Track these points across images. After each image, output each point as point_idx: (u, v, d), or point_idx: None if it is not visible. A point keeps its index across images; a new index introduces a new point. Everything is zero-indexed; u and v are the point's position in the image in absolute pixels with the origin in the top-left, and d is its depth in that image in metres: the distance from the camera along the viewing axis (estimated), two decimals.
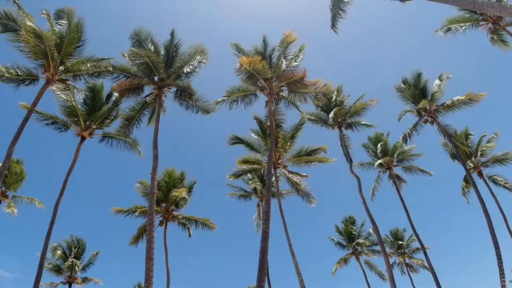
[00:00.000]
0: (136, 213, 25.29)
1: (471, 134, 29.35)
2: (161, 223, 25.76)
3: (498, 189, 28.39)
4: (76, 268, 29.54)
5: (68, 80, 18.46)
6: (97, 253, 31.95)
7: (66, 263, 29.13)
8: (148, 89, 19.99)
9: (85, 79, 19.03)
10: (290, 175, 23.61)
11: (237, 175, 23.64)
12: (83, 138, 20.61)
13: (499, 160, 28.21)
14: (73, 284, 29.91)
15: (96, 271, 31.80)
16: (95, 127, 21.04)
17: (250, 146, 22.25)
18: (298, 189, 23.74)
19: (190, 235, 25.70)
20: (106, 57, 18.93)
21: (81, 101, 20.69)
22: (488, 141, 28.74)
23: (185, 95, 19.84)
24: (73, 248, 30.38)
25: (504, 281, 17.88)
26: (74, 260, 29.40)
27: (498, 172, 28.82)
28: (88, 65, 18.06)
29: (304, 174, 23.90)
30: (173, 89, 20.02)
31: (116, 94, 20.31)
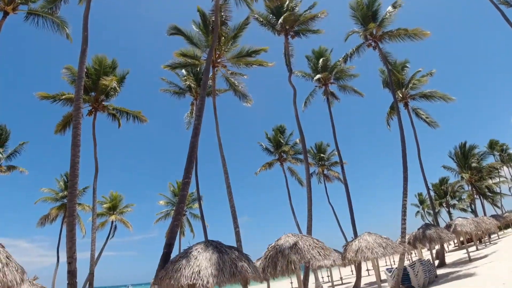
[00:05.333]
0: (63, 99, 23.68)
1: (407, 67, 31.11)
2: (90, 112, 24.54)
3: (419, 122, 31.48)
4: (0, 155, 28.66)
5: None
6: (24, 143, 31.07)
7: None
8: None
9: None
10: (228, 75, 23.17)
11: (173, 67, 22.35)
12: (6, 13, 18.08)
13: (426, 96, 30.49)
14: None
15: (21, 159, 30.97)
16: (19, 1, 18.39)
17: (190, 39, 20.86)
18: (236, 90, 23.56)
19: (119, 125, 25.02)
20: None
21: None
22: (422, 76, 30.76)
23: None
24: None
25: (406, 201, 20.00)
26: None
27: (422, 107, 31.62)
28: None
29: (243, 74, 23.56)
30: None
31: None
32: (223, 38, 20.85)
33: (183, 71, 24.70)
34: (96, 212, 23.99)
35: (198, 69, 24.60)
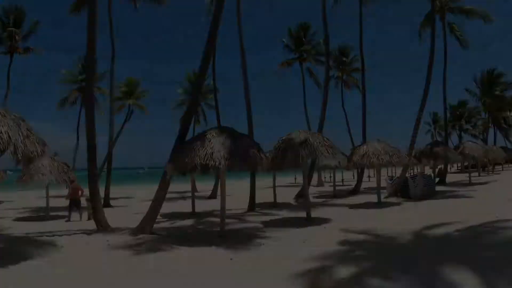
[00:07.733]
0: None
1: None
2: None
3: (451, 39, 30.23)
4: (17, 37, 28.58)
5: None
6: (37, 22, 30.45)
7: (6, 32, 28.43)
8: None
9: None
10: None
11: None
12: None
13: (465, 11, 28.24)
14: (14, 53, 29.36)
15: (38, 41, 31.02)
16: None
17: None
18: None
19: (135, 7, 23.97)
20: None
21: None
22: None
23: None
24: (11, 16, 28.97)
25: (422, 113, 19.71)
26: (14, 29, 28.45)
27: (458, 23, 30.11)
28: None
29: None
30: None
31: None
32: None
33: None
34: (114, 94, 24.48)
35: None
